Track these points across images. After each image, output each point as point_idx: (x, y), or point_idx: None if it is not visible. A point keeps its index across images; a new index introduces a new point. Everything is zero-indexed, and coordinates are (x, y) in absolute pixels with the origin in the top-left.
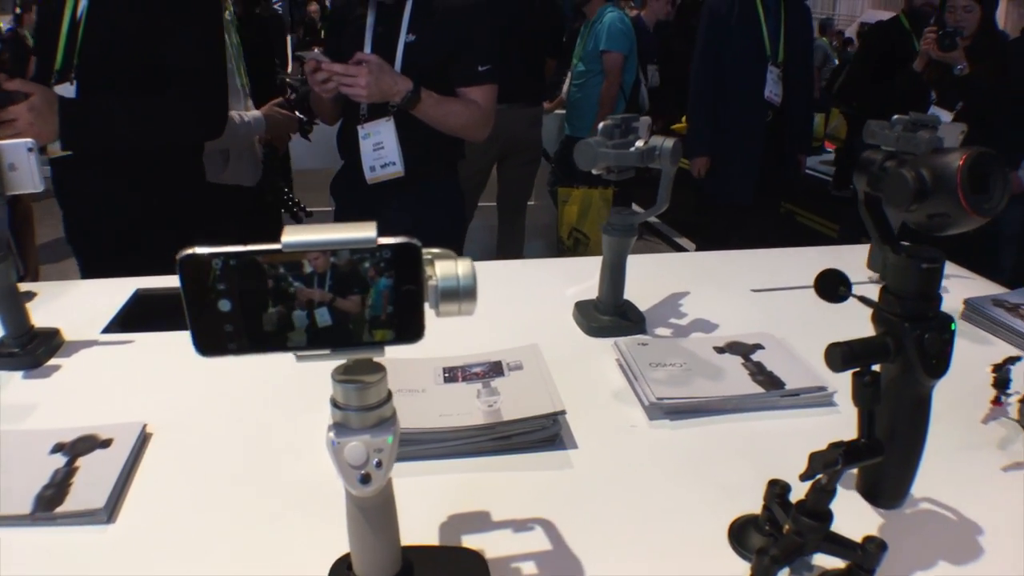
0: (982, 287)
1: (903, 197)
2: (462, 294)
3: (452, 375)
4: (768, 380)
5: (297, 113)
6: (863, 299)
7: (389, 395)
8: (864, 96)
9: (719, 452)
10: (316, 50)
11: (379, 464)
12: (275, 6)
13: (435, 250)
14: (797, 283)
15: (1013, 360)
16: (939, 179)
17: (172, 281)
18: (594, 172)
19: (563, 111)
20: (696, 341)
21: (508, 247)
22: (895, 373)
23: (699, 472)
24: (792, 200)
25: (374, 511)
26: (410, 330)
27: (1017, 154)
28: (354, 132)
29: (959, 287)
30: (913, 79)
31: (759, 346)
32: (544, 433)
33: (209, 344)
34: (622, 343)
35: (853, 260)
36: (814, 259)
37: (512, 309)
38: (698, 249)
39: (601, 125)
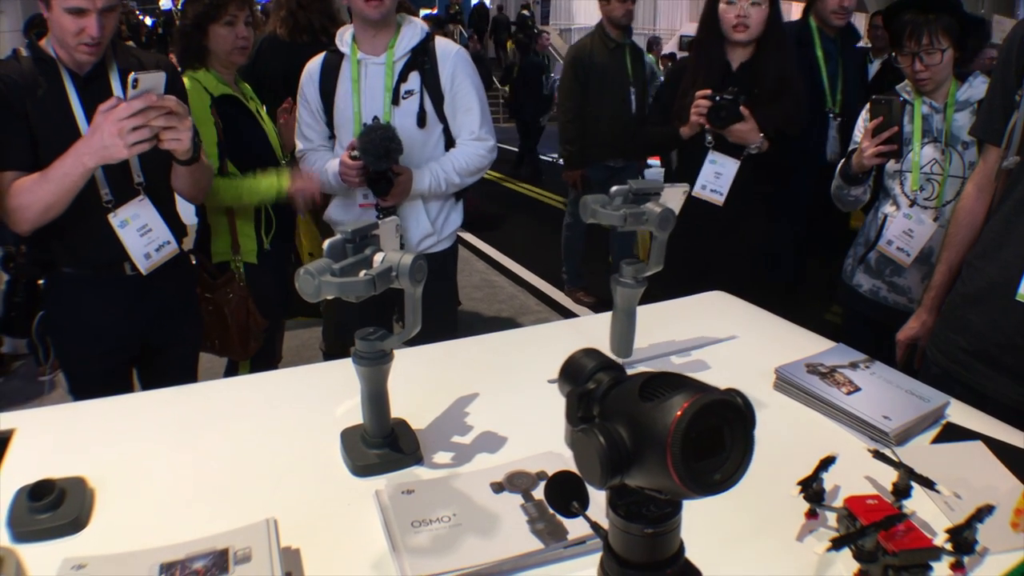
0: (793, 340)
1: (593, 473)
2: None
3: (171, 573)
4: (548, 529)
5: None
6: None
7: None
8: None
9: None
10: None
11: None
12: None
13: None
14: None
15: (826, 464)
16: (644, 441)
17: None
18: None
19: None
20: (473, 477)
21: None
22: None
23: None
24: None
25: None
26: None
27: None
28: (97, 225)
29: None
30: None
31: (544, 476)
32: None
33: None
34: (384, 494)
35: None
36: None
37: (253, 442)
38: None
39: (328, 243)
